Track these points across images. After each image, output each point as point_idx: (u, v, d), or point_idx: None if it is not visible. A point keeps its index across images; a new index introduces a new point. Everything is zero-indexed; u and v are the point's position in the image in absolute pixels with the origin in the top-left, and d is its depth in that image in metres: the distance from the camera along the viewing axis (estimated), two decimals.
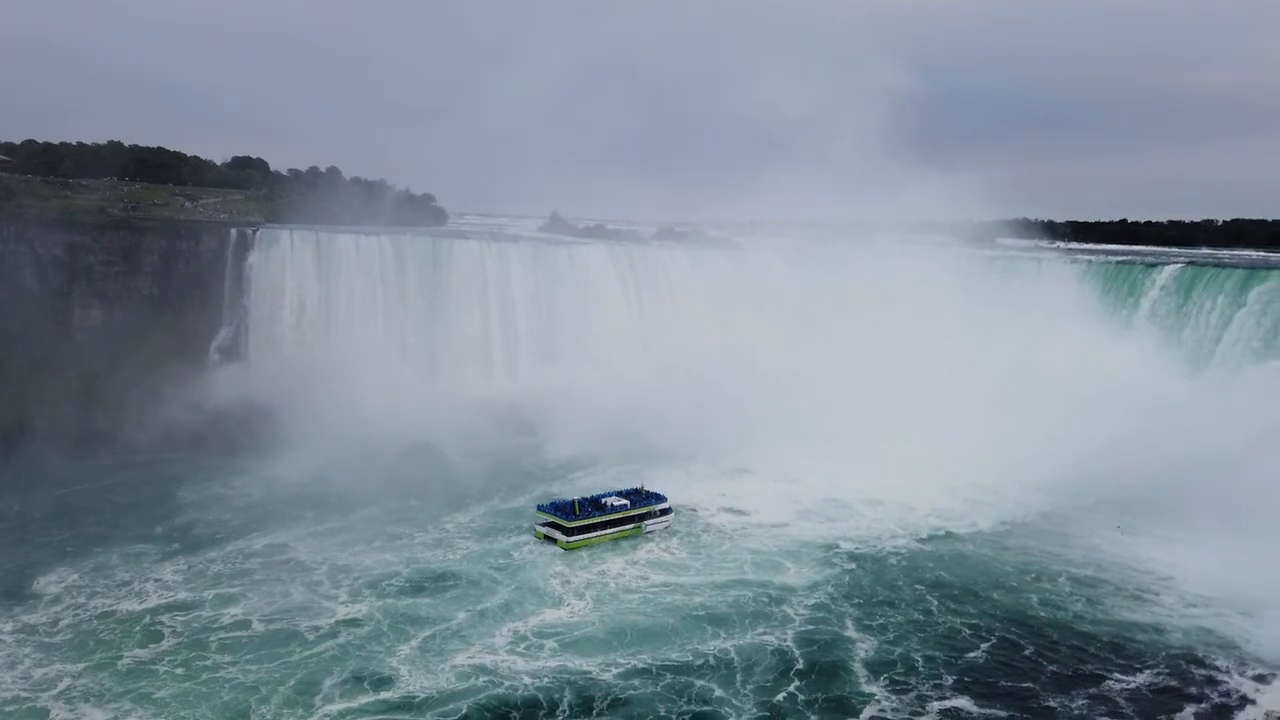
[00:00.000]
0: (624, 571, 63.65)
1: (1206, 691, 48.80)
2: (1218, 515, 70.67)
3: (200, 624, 53.89)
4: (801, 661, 50.49)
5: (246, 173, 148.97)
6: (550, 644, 52.35)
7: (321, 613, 55.78)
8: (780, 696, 46.75)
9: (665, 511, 73.04)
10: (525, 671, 49.06)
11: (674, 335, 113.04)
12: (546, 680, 48.11)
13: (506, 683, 47.76)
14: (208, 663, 49.46)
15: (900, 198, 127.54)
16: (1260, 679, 50.03)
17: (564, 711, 45.40)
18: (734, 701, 46.25)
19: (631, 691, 46.94)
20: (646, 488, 75.66)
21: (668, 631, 54.02)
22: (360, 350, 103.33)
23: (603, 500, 71.94)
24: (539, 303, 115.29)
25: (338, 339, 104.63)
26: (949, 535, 71.80)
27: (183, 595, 57.73)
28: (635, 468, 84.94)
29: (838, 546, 68.44)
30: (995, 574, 64.40)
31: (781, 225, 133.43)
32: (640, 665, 49.85)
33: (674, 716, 45.08)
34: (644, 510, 71.88)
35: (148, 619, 54.25)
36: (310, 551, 65.49)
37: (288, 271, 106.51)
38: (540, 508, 71.71)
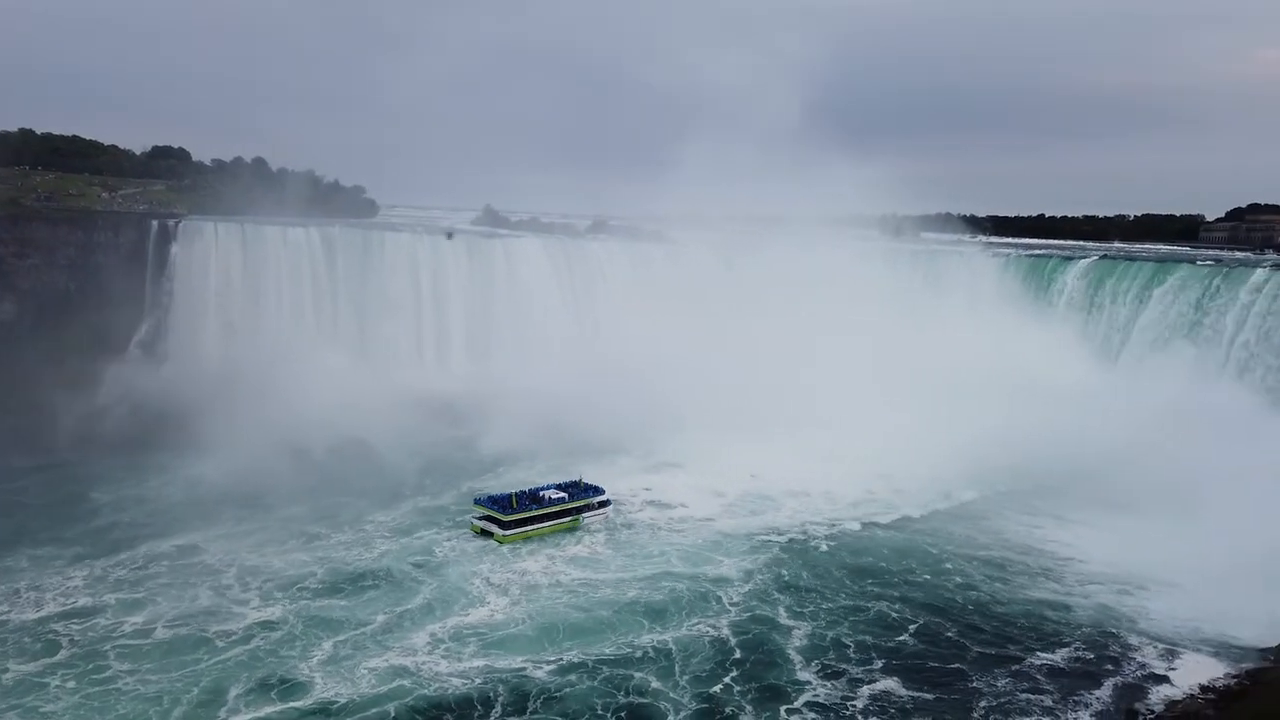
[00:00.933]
0: (552, 568, 63.02)
1: (1122, 667, 51.09)
2: (1117, 498, 75.17)
3: (99, 632, 51.41)
4: (737, 651, 51.13)
5: (167, 163, 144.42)
6: (478, 643, 51.47)
7: (231, 617, 53.82)
8: (717, 688, 47.19)
9: (603, 504, 73.23)
10: (453, 673, 48.06)
11: (608, 328, 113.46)
12: (479, 680, 47.30)
13: (434, 685, 46.78)
14: (106, 674, 47.08)
15: (825, 191, 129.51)
16: (1169, 654, 52.56)
17: (498, 711, 44.79)
18: (671, 694, 46.47)
19: (568, 688, 46.79)
20: (584, 480, 75.86)
21: (601, 626, 53.84)
22: (289, 344, 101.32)
23: (540, 493, 71.83)
24: (473, 296, 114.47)
25: (265, 333, 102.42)
26: (872, 524, 73.35)
27: (83, 601, 54.92)
28: (567, 462, 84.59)
29: (766, 538, 69.10)
30: (917, 559, 66.25)
31: (712, 218, 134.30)
32: (574, 661, 49.53)
33: (611, 711, 45.03)
34: (582, 503, 71.98)
35: (44, 628, 51.60)
36: (224, 553, 63.04)
37: (212, 264, 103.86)
38: (477, 501, 71.26)
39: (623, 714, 44.95)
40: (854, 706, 46.00)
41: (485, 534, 68.11)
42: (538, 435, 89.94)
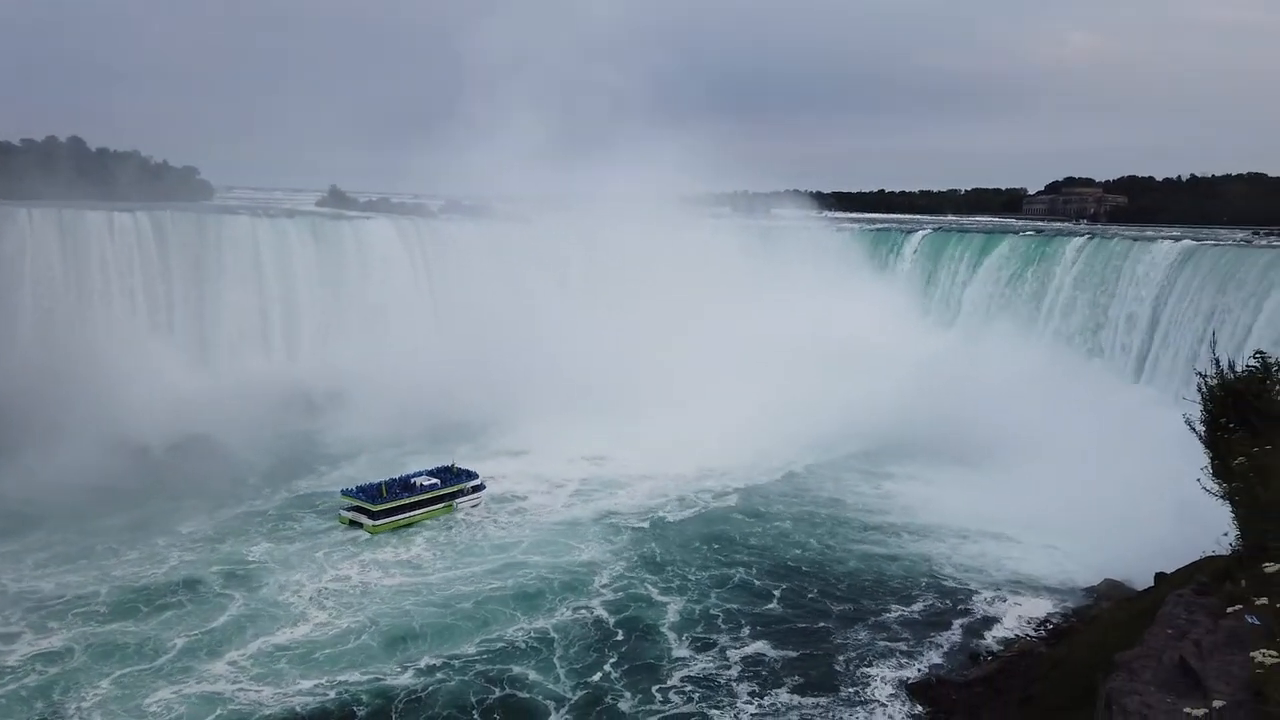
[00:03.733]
0: (391, 570, 58.73)
1: (965, 612, 54.72)
2: (952, 456, 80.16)
3: None
4: (617, 633, 51.06)
5: None
6: (309, 661, 46.46)
7: None
8: (596, 676, 46.65)
9: (478, 488, 72.21)
10: (283, 694, 43.10)
11: (465, 311, 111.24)
12: (332, 693, 43.33)
13: (258, 713, 41.80)
14: None
15: (670, 169, 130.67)
16: (1005, 598, 56.70)
17: None
18: (551, 685, 45.52)
19: (435, 687, 44.69)
20: (457, 464, 74.44)
21: (462, 623, 51.41)
22: (120, 338, 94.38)
23: (412, 480, 70.02)
24: (322, 280, 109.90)
25: (92, 327, 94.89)
26: (725, 497, 74.80)
27: None
28: (401, 456, 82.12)
29: (619, 521, 68.75)
30: (772, 528, 68.37)
31: (563, 197, 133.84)
32: (435, 663, 46.96)
33: (484, 709, 43.26)
34: (455, 488, 70.69)
35: None
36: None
37: (27, 254, 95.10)
38: (345, 492, 68.52)
39: (498, 712, 43.13)
40: (729, 675, 47.11)
41: (355, 525, 65.79)
42: (392, 424, 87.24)
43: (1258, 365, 24.06)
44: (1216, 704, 12.69)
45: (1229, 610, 16.27)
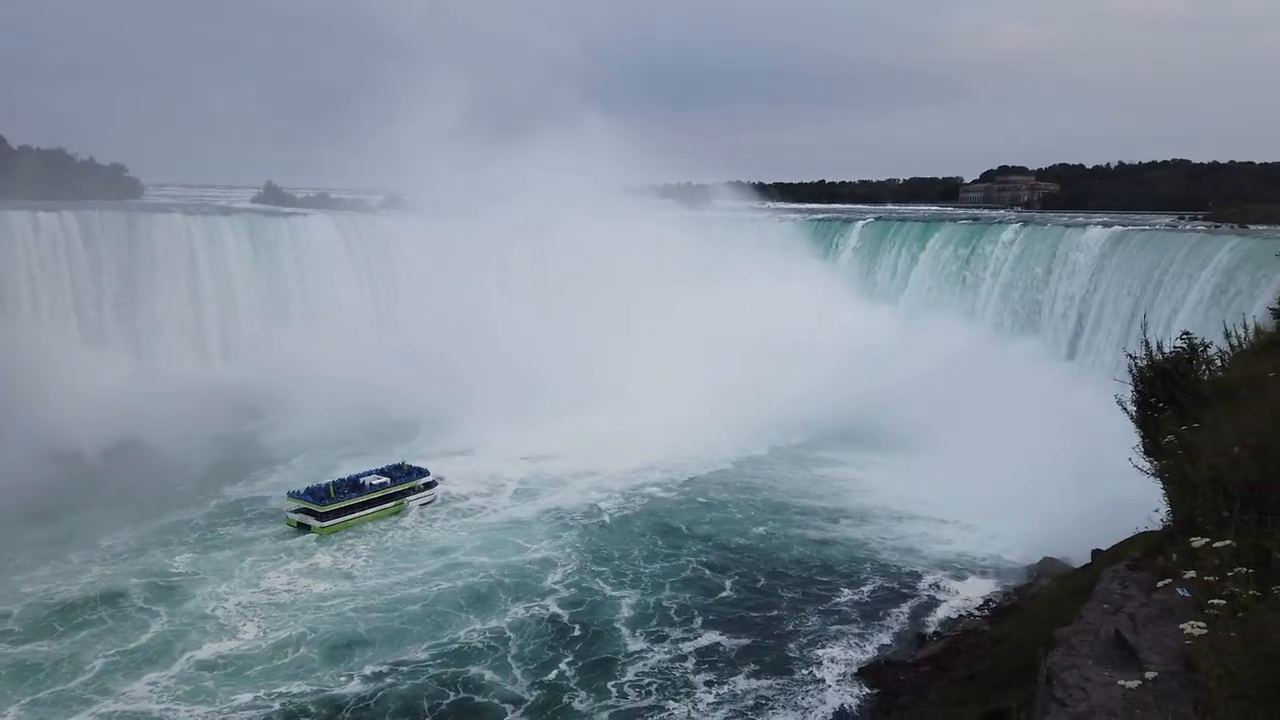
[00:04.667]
0: (332, 576, 56.38)
1: (911, 594, 55.83)
2: (894, 441, 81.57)
3: None
4: (569, 631, 50.70)
5: None
6: (240, 678, 44.23)
7: None
8: (553, 674, 46.28)
9: (429, 485, 71.34)
10: (216, 712, 41.39)
11: (409, 309, 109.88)
12: (279, 704, 41.85)
13: None
14: None
15: (614, 162, 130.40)
16: (949, 579, 58.04)
17: None
18: (504, 685, 44.93)
19: (384, 692, 43.57)
20: (408, 462, 73.44)
21: (412, 626, 50.13)
22: (48, 341, 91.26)
23: (361, 480, 68.80)
24: (259, 278, 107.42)
25: (19, 329, 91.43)
26: (671, 489, 75.02)
27: None
28: (361, 452, 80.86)
29: (564, 518, 68.14)
30: (718, 519, 68.61)
31: (506, 190, 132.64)
32: (384, 669, 45.58)
33: (434, 714, 42.41)
34: (406, 486, 69.71)
35: None
36: None
37: None
38: (291, 494, 66.91)
39: (452, 716, 42.33)
40: (685, 666, 47.35)
41: (303, 527, 64.30)
42: (334, 425, 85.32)
43: (1184, 345, 24.73)
44: (1150, 675, 13.06)
45: (1160, 584, 16.74)
